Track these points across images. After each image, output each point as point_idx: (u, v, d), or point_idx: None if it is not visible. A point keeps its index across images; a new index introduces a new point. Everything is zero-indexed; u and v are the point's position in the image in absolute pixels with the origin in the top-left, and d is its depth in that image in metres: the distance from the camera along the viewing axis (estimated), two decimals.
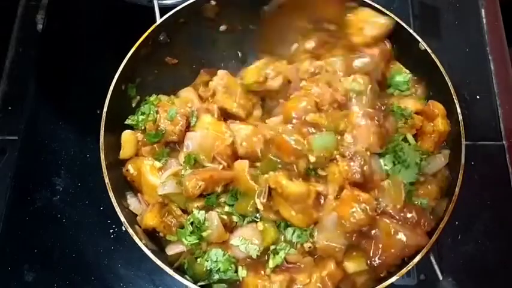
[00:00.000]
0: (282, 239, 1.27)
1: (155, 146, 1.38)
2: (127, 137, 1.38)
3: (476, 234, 1.48)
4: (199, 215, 1.25)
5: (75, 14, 1.82)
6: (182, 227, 1.27)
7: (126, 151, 1.36)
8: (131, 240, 1.42)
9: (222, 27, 1.55)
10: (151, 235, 1.29)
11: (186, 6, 1.42)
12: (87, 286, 1.43)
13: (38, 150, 1.59)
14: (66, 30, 1.78)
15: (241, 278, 1.24)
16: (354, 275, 1.25)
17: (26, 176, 1.56)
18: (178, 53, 1.51)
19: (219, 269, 1.23)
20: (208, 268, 1.23)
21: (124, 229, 1.44)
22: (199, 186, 1.22)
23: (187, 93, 1.49)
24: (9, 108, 1.67)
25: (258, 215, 1.27)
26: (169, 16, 1.41)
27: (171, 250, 1.28)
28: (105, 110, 1.30)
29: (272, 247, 1.26)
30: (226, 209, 1.27)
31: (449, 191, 1.26)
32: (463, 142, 1.27)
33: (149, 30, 1.39)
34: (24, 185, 1.54)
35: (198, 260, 1.25)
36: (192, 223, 1.24)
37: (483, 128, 1.62)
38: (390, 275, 1.20)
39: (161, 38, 1.44)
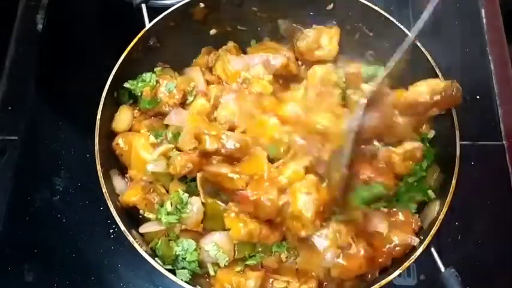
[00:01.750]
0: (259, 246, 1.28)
1: (153, 123, 1.40)
2: (123, 111, 1.41)
3: (476, 234, 1.48)
4: (184, 196, 1.26)
5: (75, 14, 1.82)
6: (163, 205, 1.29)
7: (119, 124, 1.40)
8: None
9: (212, 31, 1.55)
10: (129, 214, 1.30)
11: (174, 9, 1.43)
12: (87, 286, 1.43)
13: (38, 150, 1.59)
14: (66, 30, 1.78)
15: (212, 273, 1.25)
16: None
17: (26, 176, 1.56)
18: (169, 58, 1.51)
19: (185, 258, 1.24)
20: (176, 253, 1.25)
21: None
22: (188, 167, 1.25)
23: (193, 72, 1.50)
24: (9, 108, 1.67)
25: None
26: (159, 20, 1.42)
27: (145, 229, 1.29)
28: (98, 116, 1.32)
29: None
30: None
31: (443, 192, 1.27)
32: (458, 142, 1.28)
33: (138, 36, 1.40)
34: (24, 185, 1.54)
35: (170, 243, 1.26)
36: (170, 203, 1.26)
37: (483, 128, 1.62)
38: (390, 272, 1.21)
39: (151, 43, 1.45)
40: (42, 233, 1.48)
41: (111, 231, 1.46)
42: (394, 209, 1.30)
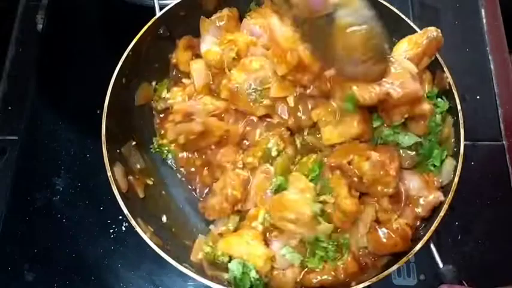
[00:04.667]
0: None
1: None
2: None
3: (476, 234, 1.48)
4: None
5: (75, 14, 1.82)
6: None
7: None
8: (131, 240, 1.42)
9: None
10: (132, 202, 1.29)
11: None
12: (87, 286, 1.43)
13: (38, 150, 1.59)
14: (66, 30, 1.78)
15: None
16: None
17: (26, 176, 1.56)
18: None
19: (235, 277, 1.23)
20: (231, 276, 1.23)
21: (124, 229, 1.45)
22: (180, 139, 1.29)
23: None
24: (9, 108, 1.67)
25: None
26: (169, 9, 1.42)
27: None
28: (106, 102, 1.30)
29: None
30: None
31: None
32: (463, 141, 1.28)
33: (149, 23, 1.39)
34: (24, 185, 1.54)
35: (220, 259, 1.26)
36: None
37: (483, 128, 1.62)
38: (391, 264, 1.21)
39: (161, 32, 1.44)
40: (42, 233, 1.49)
41: (111, 231, 1.46)
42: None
